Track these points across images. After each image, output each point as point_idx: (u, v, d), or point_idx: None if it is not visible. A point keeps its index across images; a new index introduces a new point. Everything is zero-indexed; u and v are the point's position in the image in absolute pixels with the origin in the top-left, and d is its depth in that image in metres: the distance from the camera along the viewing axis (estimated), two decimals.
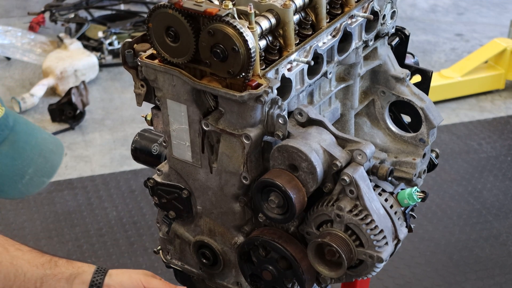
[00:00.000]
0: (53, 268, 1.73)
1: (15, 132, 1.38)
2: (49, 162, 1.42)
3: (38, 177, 1.39)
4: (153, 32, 1.49)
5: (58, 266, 1.74)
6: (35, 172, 1.38)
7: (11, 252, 1.76)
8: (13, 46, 5.52)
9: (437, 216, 3.92)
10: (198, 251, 1.77)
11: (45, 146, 1.44)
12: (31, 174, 1.37)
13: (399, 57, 1.87)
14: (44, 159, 1.41)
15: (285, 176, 1.50)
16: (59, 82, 5.10)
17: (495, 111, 4.95)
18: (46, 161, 1.41)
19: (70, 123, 4.75)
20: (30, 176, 1.37)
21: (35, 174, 1.38)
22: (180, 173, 1.67)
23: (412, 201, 1.58)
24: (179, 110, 1.57)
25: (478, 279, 3.51)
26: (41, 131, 1.48)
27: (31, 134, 1.43)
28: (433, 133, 1.83)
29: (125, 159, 4.43)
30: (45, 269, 1.73)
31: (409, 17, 6.31)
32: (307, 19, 1.61)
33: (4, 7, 6.61)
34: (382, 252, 1.51)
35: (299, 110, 1.57)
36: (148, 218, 3.93)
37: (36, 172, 1.38)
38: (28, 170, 1.37)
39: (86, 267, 1.73)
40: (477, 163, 4.36)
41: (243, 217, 1.66)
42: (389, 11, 1.79)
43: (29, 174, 1.37)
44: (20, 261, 1.74)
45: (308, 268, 1.58)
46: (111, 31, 5.54)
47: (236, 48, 1.40)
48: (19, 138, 1.39)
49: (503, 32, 5.79)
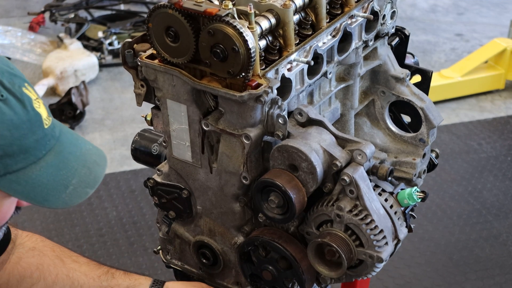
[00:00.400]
0: (110, 280, 1.75)
1: (60, 142, 1.40)
2: (93, 173, 1.43)
3: (82, 188, 1.40)
4: (153, 32, 1.49)
5: (115, 278, 1.76)
6: (79, 182, 1.39)
7: (67, 264, 1.78)
8: (13, 46, 5.52)
9: (437, 216, 3.91)
10: (198, 251, 1.77)
11: (89, 157, 1.45)
12: (75, 184, 1.38)
13: (399, 57, 1.87)
14: (88, 170, 1.42)
15: (285, 176, 1.50)
16: (59, 82, 5.09)
17: (495, 111, 4.95)
18: (89, 172, 1.42)
19: (70, 123, 4.75)
20: (74, 186, 1.38)
21: (78, 184, 1.39)
22: (180, 173, 1.67)
23: (412, 201, 1.58)
24: (179, 110, 1.57)
25: (478, 279, 3.50)
26: (86, 142, 1.49)
27: (76, 145, 1.44)
28: (433, 133, 1.83)
29: (125, 159, 4.43)
30: (102, 281, 1.75)
31: (409, 17, 6.31)
32: (307, 19, 1.61)
33: (4, 7, 6.60)
34: (382, 252, 1.51)
35: (299, 110, 1.57)
36: (148, 218, 3.93)
37: (79, 183, 1.39)
38: (72, 181, 1.38)
39: (143, 280, 1.75)
40: (477, 163, 4.35)
41: (243, 217, 1.65)
42: (389, 11, 1.79)
43: (73, 185, 1.38)
44: (77, 273, 1.76)
45: (308, 268, 1.58)
46: (111, 31, 5.54)
47: (236, 48, 1.40)
48: (64, 149, 1.40)
49: (503, 32, 5.78)
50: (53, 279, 1.75)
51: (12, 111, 1.28)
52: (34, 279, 1.74)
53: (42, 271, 1.75)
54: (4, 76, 1.29)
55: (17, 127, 1.29)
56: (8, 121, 1.27)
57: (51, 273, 1.75)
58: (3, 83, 1.28)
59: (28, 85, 1.34)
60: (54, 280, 1.74)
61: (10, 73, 1.31)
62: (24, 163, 1.32)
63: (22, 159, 1.31)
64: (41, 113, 1.34)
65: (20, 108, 1.29)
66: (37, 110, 1.33)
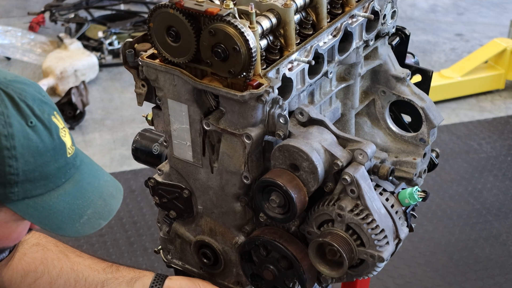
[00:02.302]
0: (115, 272, 1.77)
1: (80, 171, 1.42)
2: (108, 205, 1.45)
3: (96, 219, 1.41)
4: (154, 31, 1.49)
5: (119, 270, 1.78)
6: (94, 213, 1.41)
7: (71, 258, 1.79)
8: (13, 46, 5.52)
9: (437, 216, 3.92)
10: (199, 251, 1.77)
11: (106, 189, 1.47)
12: (90, 215, 1.40)
13: (400, 57, 1.87)
14: (103, 202, 1.44)
15: (286, 176, 1.50)
16: (59, 82, 5.09)
17: (495, 111, 4.95)
18: (105, 204, 1.44)
19: (70, 123, 4.75)
20: (88, 216, 1.40)
21: (93, 215, 1.41)
22: (181, 172, 1.67)
23: (413, 200, 1.58)
24: (180, 109, 1.57)
25: (478, 279, 3.51)
26: (104, 173, 1.51)
27: (95, 176, 1.46)
28: (434, 133, 1.83)
29: (125, 159, 4.43)
30: (107, 273, 1.76)
31: (409, 17, 6.32)
32: (308, 19, 1.61)
33: (4, 7, 6.60)
34: (383, 251, 1.51)
35: (300, 110, 1.57)
36: (148, 218, 3.93)
37: (94, 214, 1.41)
38: (87, 211, 1.40)
39: (147, 273, 1.77)
40: (477, 163, 4.36)
41: (244, 216, 1.66)
42: (390, 11, 1.79)
43: (88, 215, 1.40)
44: (81, 266, 1.77)
45: (309, 267, 1.58)
46: (111, 31, 5.54)
47: (237, 48, 1.40)
48: (83, 178, 1.42)
49: (503, 32, 5.79)
50: (57, 272, 1.75)
51: (39, 138, 1.31)
52: (38, 273, 1.75)
53: (46, 265, 1.76)
54: (35, 103, 1.32)
55: (41, 154, 1.31)
56: (34, 148, 1.30)
57: (55, 266, 1.76)
58: (33, 110, 1.31)
59: (56, 113, 1.37)
60: (58, 273, 1.75)
61: (42, 100, 1.34)
62: (43, 189, 1.34)
63: (42, 185, 1.33)
64: (66, 142, 1.37)
65: (47, 135, 1.32)
66: (62, 139, 1.36)
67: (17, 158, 1.28)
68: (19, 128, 1.28)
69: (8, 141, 1.27)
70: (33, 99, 1.32)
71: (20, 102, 1.30)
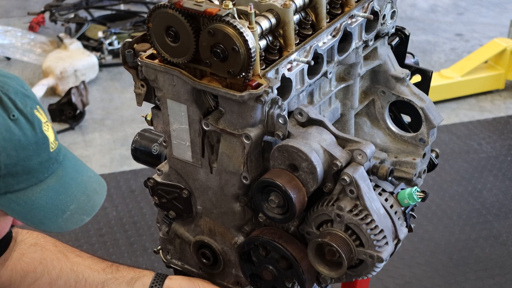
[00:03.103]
0: (115, 272, 1.76)
1: (63, 167, 1.41)
2: (91, 201, 1.44)
3: (79, 215, 1.41)
4: (153, 32, 1.49)
5: (119, 270, 1.77)
6: (77, 209, 1.40)
7: (71, 259, 1.78)
8: (13, 46, 5.52)
9: (437, 216, 3.92)
10: (198, 251, 1.77)
11: (89, 184, 1.47)
12: (72, 210, 1.39)
13: (399, 57, 1.87)
14: (86, 198, 1.44)
15: (285, 176, 1.50)
16: (59, 82, 5.10)
17: (495, 111, 4.95)
18: (88, 200, 1.43)
19: (70, 123, 4.75)
20: (71, 212, 1.39)
21: (76, 211, 1.40)
22: (180, 173, 1.67)
23: (412, 201, 1.58)
24: (179, 110, 1.57)
25: (478, 279, 3.51)
26: (88, 169, 1.51)
27: (78, 171, 1.45)
28: (433, 133, 1.83)
29: (125, 159, 4.43)
30: (107, 273, 1.76)
31: (409, 17, 6.31)
32: (307, 19, 1.61)
33: (4, 7, 6.61)
34: (382, 252, 1.51)
35: (299, 110, 1.57)
36: (148, 218, 3.93)
37: (77, 209, 1.40)
38: (70, 206, 1.40)
39: (147, 272, 1.77)
40: (477, 163, 4.36)
41: (243, 217, 1.66)
42: (389, 11, 1.79)
43: (71, 210, 1.39)
44: (81, 267, 1.76)
45: (308, 268, 1.58)
46: (111, 31, 5.54)
47: (236, 48, 1.40)
48: (66, 174, 1.42)
49: (503, 32, 5.79)
50: (57, 273, 1.75)
51: (22, 131, 1.30)
52: (38, 274, 1.75)
53: (46, 266, 1.75)
54: (17, 97, 1.31)
55: (24, 148, 1.30)
56: (16, 141, 1.29)
57: (55, 267, 1.75)
58: (16, 103, 1.30)
59: (39, 107, 1.36)
60: (58, 274, 1.75)
61: (24, 94, 1.33)
62: (26, 184, 1.33)
63: (24, 180, 1.33)
64: (48, 136, 1.36)
65: (29, 129, 1.31)
66: (45, 133, 1.35)
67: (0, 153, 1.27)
68: (1, 121, 1.27)
69: None
70: (16, 92, 1.31)
71: (2, 95, 1.28)
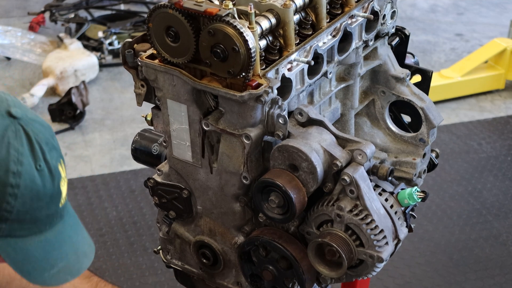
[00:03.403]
0: None
1: (63, 222, 1.43)
2: (79, 263, 1.45)
3: (64, 274, 1.42)
4: (153, 32, 1.49)
5: None
6: (64, 268, 1.41)
7: None
8: (13, 46, 5.52)
9: (437, 216, 3.92)
10: (198, 251, 1.77)
11: (82, 245, 1.48)
12: (60, 268, 1.40)
13: (399, 57, 1.87)
14: (76, 258, 1.45)
15: (285, 176, 1.50)
16: (59, 82, 5.09)
17: (495, 111, 4.95)
18: (77, 261, 1.45)
19: (70, 123, 4.75)
20: (58, 269, 1.40)
21: (63, 269, 1.41)
22: (180, 173, 1.67)
23: (412, 201, 1.58)
24: (179, 110, 1.57)
25: (478, 279, 3.51)
26: (82, 229, 1.52)
27: (75, 230, 1.47)
28: (433, 133, 1.83)
29: (125, 159, 4.43)
30: None
31: (409, 17, 6.31)
32: (307, 19, 1.61)
33: (4, 7, 6.60)
34: (382, 252, 1.51)
35: (299, 110, 1.57)
36: (148, 218, 3.93)
37: (64, 268, 1.41)
38: (59, 264, 1.40)
39: None
40: (477, 163, 4.36)
41: (243, 217, 1.65)
42: (389, 11, 1.79)
43: (58, 268, 1.40)
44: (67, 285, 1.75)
45: (308, 268, 1.58)
46: (111, 31, 5.54)
47: (237, 48, 1.40)
48: (64, 230, 1.43)
49: (503, 32, 5.79)
50: None
51: (42, 183, 1.32)
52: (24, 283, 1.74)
53: None
54: (47, 147, 1.33)
55: (39, 199, 1.32)
56: (35, 191, 1.31)
57: None
58: (45, 154, 1.32)
59: (62, 161, 1.39)
60: None
61: (53, 145, 1.36)
62: (27, 232, 1.34)
63: (28, 228, 1.34)
64: (62, 191, 1.38)
65: (49, 182, 1.33)
66: (60, 188, 1.37)
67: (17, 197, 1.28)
68: (28, 168, 1.29)
69: (15, 179, 1.27)
70: (47, 143, 1.33)
71: (35, 144, 1.31)
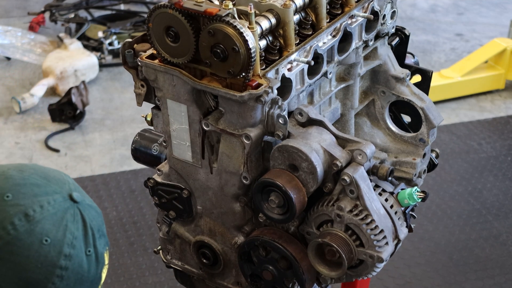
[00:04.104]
0: None
1: None
2: None
3: None
4: (153, 32, 1.49)
5: None
6: None
7: None
8: (13, 46, 5.52)
9: (437, 216, 3.91)
10: (198, 251, 1.77)
11: None
12: None
13: (399, 57, 1.87)
14: None
15: (285, 176, 1.50)
16: (59, 82, 5.09)
17: (495, 111, 4.95)
18: None
19: (70, 123, 4.75)
20: None
21: None
22: (180, 173, 1.67)
23: (412, 201, 1.58)
24: (179, 110, 1.57)
25: (478, 279, 3.50)
26: None
27: None
28: (433, 133, 1.83)
29: (125, 159, 4.43)
30: None
31: (409, 17, 6.31)
32: (307, 19, 1.61)
33: (4, 7, 6.60)
34: (382, 252, 1.51)
35: (299, 110, 1.57)
36: (148, 218, 3.93)
37: None
38: None
39: None
40: (477, 163, 4.35)
41: (243, 217, 1.65)
42: (389, 11, 1.79)
43: None
44: None
45: (308, 268, 1.58)
46: (111, 31, 5.54)
47: (236, 48, 1.40)
48: None
49: (503, 32, 5.78)
50: None
51: (88, 268, 1.33)
52: None
53: None
54: (98, 234, 1.35)
55: (81, 283, 1.33)
56: (79, 275, 1.32)
57: None
58: (95, 241, 1.34)
59: (108, 249, 1.40)
60: None
61: (103, 233, 1.37)
62: None
63: None
64: (102, 278, 1.39)
65: (94, 268, 1.34)
66: (101, 275, 1.38)
67: (63, 279, 1.29)
68: (79, 253, 1.30)
69: (65, 261, 1.29)
70: (99, 230, 1.35)
71: (89, 229, 1.32)
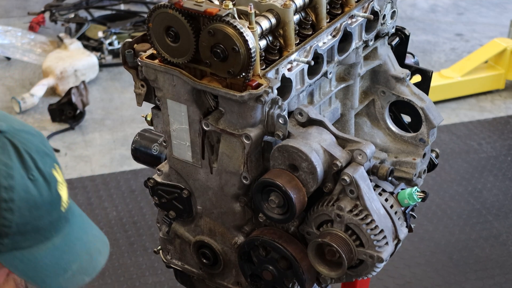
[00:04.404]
0: None
1: (70, 225, 1.39)
2: (94, 261, 1.42)
3: (80, 275, 1.38)
4: (153, 32, 1.49)
5: None
6: (79, 269, 1.38)
7: None
8: (13, 46, 5.52)
9: (437, 216, 3.91)
10: (198, 251, 1.77)
11: (93, 244, 1.45)
12: (74, 270, 1.37)
13: (399, 57, 1.87)
14: (89, 258, 1.41)
15: (285, 176, 1.50)
16: (59, 82, 5.09)
17: (495, 111, 4.95)
18: (91, 260, 1.41)
19: (70, 123, 4.75)
20: (72, 272, 1.37)
21: (78, 271, 1.38)
22: (180, 173, 1.67)
23: (412, 201, 1.58)
24: (179, 110, 1.57)
25: (478, 279, 3.50)
26: (93, 226, 1.48)
27: (84, 229, 1.44)
28: (433, 133, 1.83)
29: (125, 159, 4.43)
30: None
31: (409, 17, 6.31)
32: (307, 19, 1.61)
33: (4, 7, 6.60)
34: (382, 252, 1.51)
35: (299, 110, 1.57)
36: (148, 218, 3.93)
37: (79, 269, 1.38)
38: (72, 266, 1.37)
39: None
40: (477, 163, 4.35)
41: (243, 217, 1.65)
42: (389, 11, 1.79)
43: (72, 270, 1.37)
44: None
45: (308, 268, 1.58)
46: (111, 31, 5.54)
47: (237, 48, 1.40)
48: (72, 232, 1.39)
49: (503, 32, 5.78)
50: None
51: (38, 192, 1.29)
52: None
53: None
54: (39, 155, 1.30)
55: (38, 208, 1.29)
56: (31, 202, 1.28)
57: None
58: (36, 163, 1.29)
59: (57, 165, 1.35)
60: None
61: (45, 152, 1.32)
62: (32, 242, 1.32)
63: (32, 238, 1.31)
64: (62, 195, 1.35)
65: (45, 189, 1.30)
66: (59, 193, 1.34)
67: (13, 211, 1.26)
68: (20, 181, 1.26)
69: (7, 194, 1.25)
70: (37, 151, 1.30)
71: (24, 154, 1.28)
